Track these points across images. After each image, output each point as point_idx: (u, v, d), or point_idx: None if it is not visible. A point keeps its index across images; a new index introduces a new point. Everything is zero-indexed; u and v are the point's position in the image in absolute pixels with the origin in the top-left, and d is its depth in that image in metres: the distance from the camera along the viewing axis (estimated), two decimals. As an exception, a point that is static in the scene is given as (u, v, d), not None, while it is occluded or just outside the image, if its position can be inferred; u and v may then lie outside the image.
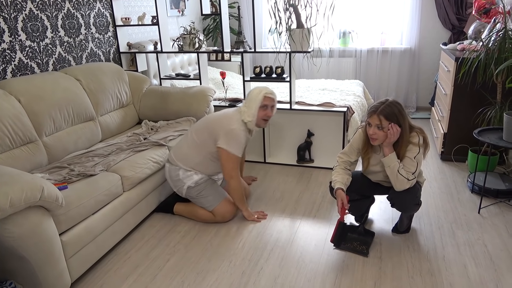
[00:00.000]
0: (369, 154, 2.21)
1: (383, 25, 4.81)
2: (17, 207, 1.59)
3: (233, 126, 2.41)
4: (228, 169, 2.43)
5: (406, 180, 2.06)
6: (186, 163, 2.49)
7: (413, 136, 2.08)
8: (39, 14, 2.81)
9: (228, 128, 2.41)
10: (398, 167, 2.06)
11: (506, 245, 2.21)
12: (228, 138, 2.39)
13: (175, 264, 2.17)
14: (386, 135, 2.04)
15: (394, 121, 2.01)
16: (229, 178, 2.44)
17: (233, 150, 2.40)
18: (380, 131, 2.03)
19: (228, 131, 2.40)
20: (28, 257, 1.70)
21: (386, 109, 2.01)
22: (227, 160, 2.42)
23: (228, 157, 2.41)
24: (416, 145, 2.06)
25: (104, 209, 2.17)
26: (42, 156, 2.38)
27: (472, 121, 3.17)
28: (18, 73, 2.68)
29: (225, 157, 2.42)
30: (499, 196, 2.68)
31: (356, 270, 2.06)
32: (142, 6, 4.08)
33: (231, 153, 2.40)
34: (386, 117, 2.00)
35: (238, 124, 2.43)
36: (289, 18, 2.96)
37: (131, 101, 3.32)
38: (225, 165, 2.43)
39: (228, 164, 2.42)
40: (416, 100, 4.98)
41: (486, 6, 3.48)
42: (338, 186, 2.17)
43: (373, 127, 2.04)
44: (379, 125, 2.02)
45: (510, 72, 2.74)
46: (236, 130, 2.41)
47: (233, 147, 2.40)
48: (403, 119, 2.03)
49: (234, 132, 2.40)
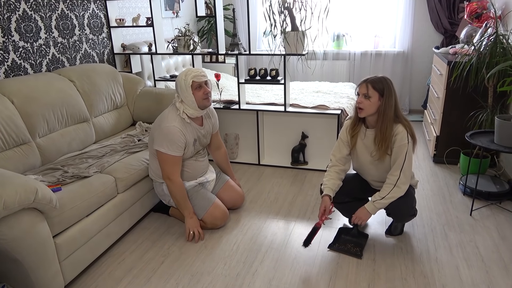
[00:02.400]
0: (355, 138, 2.20)
1: (377, 28, 4.85)
2: (10, 209, 1.58)
3: (164, 124, 2.26)
4: (165, 170, 2.30)
5: (397, 189, 2.07)
6: (159, 176, 2.43)
7: (400, 131, 2.04)
8: (33, 15, 2.79)
9: (159, 128, 2.27)
10: (381, 198, 2.08)
11: (497, 246, 2.24)
12: (160, 138, 2.26)
13: (169, 266, 2.16)
14: (371, 106, 2.05)
15: (380, 92, 2.02)
16: (167, 180, 2.31)
17: (166, 150, 2.25)
18: (367, 100, 2.04)
19: (159, 131, 2.26)
20: (21, 260, 1.69)
21: (376, 80, 2.04)
22: (162, 161, 2.29)
23: (162, 158, 2.28)
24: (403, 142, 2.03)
25: (98, 211, 2.16)
26: (35, 157, 2.36)
27: (464, 124, 3.21)
28: (11, 74, 2.66)
29: (159, 158, 2.29)
30: (490, 198, 2.72)
31: (350, 272, 2.07)
32: (137, 8, 4.07)
33: (164, 153, 2.26)
34: (374, 87, 2.03)
35: (170, 121, 2.27)
36: (284, 21, 2.98)
37: (125, 103, 3.31)
38: (161, 166, 2.30)
39: (164, 165, 2.29)
40: (408, 103, 5.03)
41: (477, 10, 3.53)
42: (326, 192, 2.19)
43: (361, 96, 2.07)
44: (366, 94, 2.04)
45: (501, 76, 2.78)
46: (167, 128, 2.25)
47: (166, 147, 2.25)
48: (389, 93, 2.03)
49: (164, 130, 2.25)
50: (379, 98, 2.03)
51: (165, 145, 2.26)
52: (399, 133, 2.04)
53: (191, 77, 2.31)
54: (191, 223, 2.37)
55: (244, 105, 3.49)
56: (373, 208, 2.12)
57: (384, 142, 2.07)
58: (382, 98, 2.03)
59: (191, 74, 2.32)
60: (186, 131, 2.35)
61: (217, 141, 2.74)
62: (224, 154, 2.79)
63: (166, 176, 2.31)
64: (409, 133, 2.05)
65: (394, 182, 2.07)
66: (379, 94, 2.03)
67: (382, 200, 2.09)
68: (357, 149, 2.22)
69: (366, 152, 2.19)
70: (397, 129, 2.05)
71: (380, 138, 2.08)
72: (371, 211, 2.14)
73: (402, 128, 2.05)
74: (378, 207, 2.12)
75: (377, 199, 2.11)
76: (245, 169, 3.44)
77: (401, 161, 2.05)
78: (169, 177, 2.31)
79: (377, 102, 2.04)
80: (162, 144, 2.26)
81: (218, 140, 2.74)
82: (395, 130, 2.06)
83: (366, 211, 2.14)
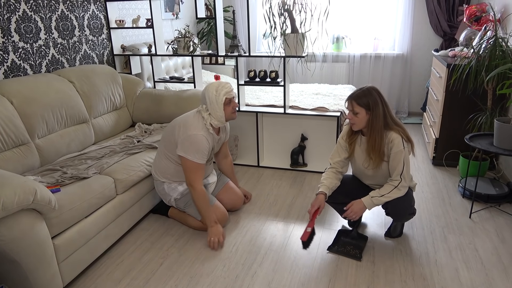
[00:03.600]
0: (353, 145, 2.22)
1: (376, 31, 4.86)
2: (9, 210, 1.57)
3: (191, 132, 2.28)
4: (188, 177, 2.31)
5: (397, 190, 2.08)
6: (165, 175, 2.44)
7: (395, 138, 2.04)
8: (33, 16, 2.79)
9: (186, 135, 2.29)
10: (380, 195, 2.09)
11: (496, 249, 2.23)
12: (187, 144, 2.28)
13: (168, 268, 2.16)
14: (361, 120, 2.06)
15: (366, 106, 2.02)
16: (190, 187, 2.33)
17: (192, 157, 2.28)
18: (356, 116, 2.06)
19: (186, 138, 2.28)
20: (20, 261, 1.68)
21: (360, 95, 2.03)
22: (186, 167, 2.31)
23: (187, 165, 2.30)
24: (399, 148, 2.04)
25: (97, 212, 2.15)
26: (34, 158, 2.36)
27: (463, 127, 3.21)
28: (10, 75, 2.66)
29: (184, 164, 2.31)
30: (489, 201, 2.72)
31: (349, 274, 2.07)
32: (137, 9, 4.07)
33: (190, 160, 2.28)
34: (358, 103, 2.03)
35: (197, 130, 2.30)
36: (284, 23, 2.98)
37: (125, 104, 3.31)
38: (185, 173, 2.32)
39: (188, 172, 2.31)
40: (408, 105, 5.04)
41: (477, 13, 3.54)
42: (322, 189, 2.20)
43: (350, 113, 2.08)
44: (353, 111, 2.05)
45: (500, 79, 2.79)
46: (196, 136, 2.28)
47: (192, 154, 2.27)
48: (376, 105, 2.02)
49: (192, 138, 2.27)
50: (366, 112, 2.04)
51: (192, 152, 2.28)
52: (394, 140, 2.05)
53: (224, 93, 2.34)
54: (214, 231, 2.33)
55: (244, 107, 3.50)
56: (370, 203, 2.11)
57: (375, 153, 2.09)
58: (370, 111, 2.04)
59: (223, 90, 2.35)
60: (209, 139, 2.38)
61: (225, 150, 2.77)
62: (230, 164, 2.83)
63: (189, 183, 2.32)
64: (404, 138, 2.06)
65: (396, 185, 2.09)
66: (365, 109, 2.04)
67: (381, 197, 2.10)
68: (355, 155, 2.24)
69: (363, 158, 2.20)
70: (391, 136, 2.06)
71: (370, 150, 2.10)
72: (368, 206, 2.12)
73: (396, 134, 2.05)
74: (375, 203, 2.12)
75: (375, 196, 2.11)
76: (245, 171, 3.44)
77: (401, 168, 2.06)
78: (192, 184, 2.31)
79: (366, 116, 2.05)
80: (189, 151, 2.28)
81: (226, 149, 2.77)
82: (389, 137, 2.07)
83: (362, 205, 2.12)
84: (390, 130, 2.07)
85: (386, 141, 2.07)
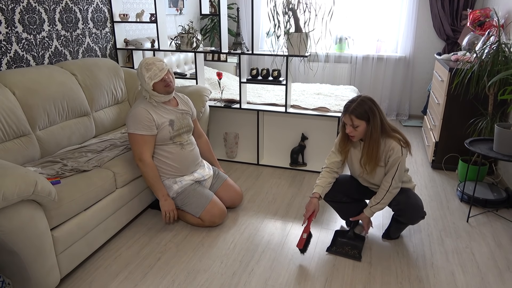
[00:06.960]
0: (347, 147, 2.24)
1: (379, 33, 4.86)
2: (9, 201, 1.58)
3: (132, 109, 2.37)
4: (135, 152, 2.34)
5: (389, 194, 2.16)
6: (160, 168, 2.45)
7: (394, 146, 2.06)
8: (37, 7, 2.78)
9: (128, 114, 2.37)
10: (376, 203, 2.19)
11: (493, 254, 2.25)
12: (128, 121, 2.35)
13: (165, 262, 2.17)
14: (361, 132, 2.07)
15: (365, 118, 2.03)
16: (138, 162, 2.35)
17: (133, 130, 2.31)
18: (355, 130, 2.07)
19: (128, 116, 2.36)
20: (18, 252, 1.69)
21: (357, 108, 2.03)
22: (131, 142, 2.35)
23: (131, 139, 2.34)
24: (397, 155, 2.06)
25: (96, 206, 2.16)
26: (35, 149, 2.36)
27: (464, 131, 3.22)
28: (13, 65, 2.66)
29: (130, 140, 2.36)
30: (487, 205, 2.73)
31: (346, 274, 2.07)
32: (141, 3, 4.06)
33: (132, 133, 2.32)
34: (357, 116, 2.03)
35: (137, 104, 2.37)
36: (288, 22, 2.98)
37: (126, 98, 3.31)
38: (132, 148, 2.35)
39: (135, 146, 2.33)
40: (408, 108, 5.04)
41: (481, 18, 3.55)
42: (316, 190, 2.23)
43: (349, 126, 2.09)
44: (352, 125, 2.06)
45: (502, 84, 2.79)
46: (134, 110, 2.35)
47: (133, 127, 2.32)
48: (374, 115, 2.03)
49: (131, 113, 2.35)
50: (366, 124, 2.06)
51: (132, 125, 2.32)
52: (393, 148, 2.07)
53: (150, 79, 2.32)
54: (166, 206, 2.40)
55: (245, 104, 3.50)
56: (370, 212, 2.26)
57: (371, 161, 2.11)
58: (369, 122, 2.05)
59: (151, 75, 2.32)
60: (156, 112, 2.38)
61: (198, 130, 2.79)
62: (206, 142, 2.84)
63: (137, 157, 2.33)
64: (403, 143, 2.08)
65: (387, 189, 2.15)
66: (365, 121, 2.05)
67: (377, 205, 2.21)
68: (352, 158, 2.26)
69: (359, 164, 2.23)
70: (390, 144, 2.07)
71: (366, 159, 2.12)
72: (369, 215, 2.27)
73: (396, 143, 2.07)
74: (374, 211, 2.25)
75: (373, 205, 2.22)
76: (244, 169, 3.45)
77: (394, 171, 2.10)
78: (140, 157, 2.33)
79: (366, 127, 2.06)
80: (130, 125, 2.33)
81: (198, 129, 2.79)
82: (388, 145, 2.08)
83: (365, 215, 2.28)
84: (389, 138, 2.08)
85: (385, 148, 2.09)
